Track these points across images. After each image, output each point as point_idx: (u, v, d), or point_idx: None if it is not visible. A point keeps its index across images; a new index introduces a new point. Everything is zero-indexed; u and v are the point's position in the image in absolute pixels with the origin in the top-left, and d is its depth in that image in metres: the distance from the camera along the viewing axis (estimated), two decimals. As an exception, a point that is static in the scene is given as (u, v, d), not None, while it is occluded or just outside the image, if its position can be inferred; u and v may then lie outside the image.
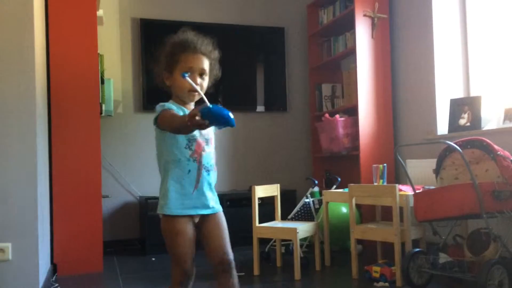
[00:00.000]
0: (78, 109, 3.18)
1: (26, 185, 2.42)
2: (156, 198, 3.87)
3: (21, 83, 2.43)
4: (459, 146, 2.52)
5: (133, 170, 4.19)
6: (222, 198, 3.94)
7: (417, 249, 2.52)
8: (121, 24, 4.23)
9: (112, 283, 2.88)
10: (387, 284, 2.61)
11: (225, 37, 4.43)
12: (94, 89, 3.23)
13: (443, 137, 3.29)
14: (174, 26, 4.30)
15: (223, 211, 1.58)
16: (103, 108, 3.80)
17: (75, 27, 3.19)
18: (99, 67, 3.43)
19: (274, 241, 3.52)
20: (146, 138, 4.24)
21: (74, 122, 3.17)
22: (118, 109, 4.18)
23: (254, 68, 4.55)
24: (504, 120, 2.91)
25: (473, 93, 3.37)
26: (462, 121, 3.18)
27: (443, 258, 2.46)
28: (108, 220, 4.09)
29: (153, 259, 3.59)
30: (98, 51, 3.35)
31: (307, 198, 3.59)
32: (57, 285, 2.85)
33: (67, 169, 3.14)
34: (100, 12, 3.63)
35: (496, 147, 2.43)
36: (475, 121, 3.10)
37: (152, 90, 4.20)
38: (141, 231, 3.98)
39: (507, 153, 2.45)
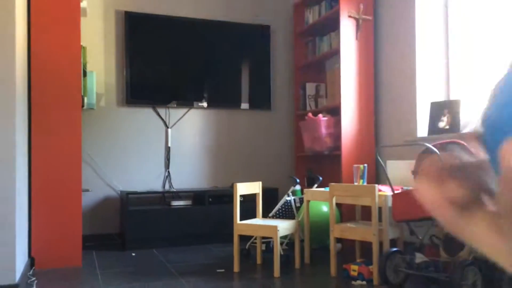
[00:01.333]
0: (59, 101, 3.14)
1: (4, 178, 2.39)
2: (137, 193, 3.89)
3: (0, 74, 2.39)
4: (438, 148, 2.57)
5: (115, 164, 4.15)
6: (204, 195, 3.99)
7: (394, 249, 2.57)
8: (105, 16, 4.18)
9: (90, 277, 2.86)
10: (364, 282, 2.66)
11: (211, 33, 4.42)
12: (76, 81, 3.20)
13: (423, 139, 3.35)
14: (159, 20, 4.29)
15: (205, 207, 1.52)
16: (85, 101, 3.76)
17: (57, 18, 3.14)
18: (82, 59, 3.39)
19: (255, 239, 3.54)
20: (128, 132, 4.21)
21: (54, 115, 3.13)
22: (100, 102, 4.14)
23: (239, 66, 4.55)
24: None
25: (452, 97, 3.44)
26: (442, 124, 3.24)
27: (419, 258, 2.51)
28: (88, 214, 4.06)
29: (133, 254, 3.57)
30: (81, 43, 3.32)
31: (288, 196, 3.62)
32: (34, 278, 2.82)
33: (46, 162, 3.10)
34: (83, 3, 3.59)
35: (472, 150, 2.48)
36: (454, 124, 3.17)
37: (136, 84, 4.17)
38: (122, 226, 3.96)
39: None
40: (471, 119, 3.21)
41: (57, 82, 3.14)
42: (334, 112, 4.11)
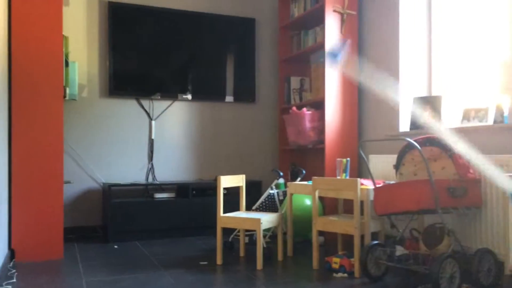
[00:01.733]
0: (41, 92, 3.09)
1: (-16, 169, 2.34)
2: (120, 185, 3.86)
3: (-20, 63, 2.34)
4: (419, 143, 2.61)
5: (97, 156, 4.11)
6: (188, 187, 3.98)
7: (375, 242, 2.61)
8: (88, 6, 4.11)
9: (72, 270, 2.84)
10: (345, 275, 2.69)
11: (196, 25, 4.39)
12: (58, 71, 3.15)
13: (405, 134, 3.39)
14: (142, 11, 4.24)
15: (188, 200, 1.53)
16: (67, 91, 3.71)
17: (39, 7, 3.08)
18: (64, 49, 3.34)
19: (238, 231, 3.56)
20: (111, 124, 4.17)
21: (36, 106, 3.08)
22: (83, 93, 4.09)
23: (224, 58, 4.53)
24: (463, 119, 3.03)
25: (434, 93, 3.49)
26: (423, 119, 3.29)
27: (399, 250, 2.56)
28: (70, 206, 4.02)
29: (116, 246, 3.56)
30: (63, 33, 3.26)
31: (272, 189, 3.64)
32: (14, 271, 2.79)
33: (27, 153, 3.05)
34: (66, -7, 3.53)
35: (452, 144, 2.53)
36: (436, 119, 3.22)
37: (119, 75, 4.12)
38: (104, 218, 3.93)
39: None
40: (452, 114, 3.27)
41: (39, 73, 3.09)
42: (318, 106, 4.13)
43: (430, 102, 3.28)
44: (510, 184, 0.72)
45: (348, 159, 3.15)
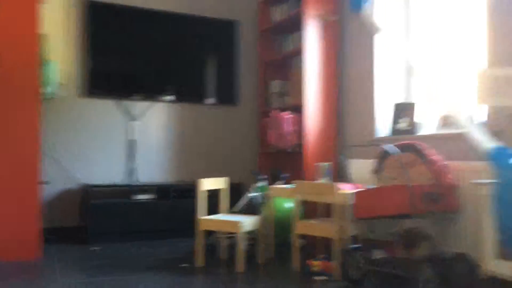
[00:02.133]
0: (16, 90, 3.04)
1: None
2: (100, 186, 3.81)
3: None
4: (398, 149, 2.67)
5: (76, 156, 4.05)
6: (169, 189, 3.96)
7: (355, 245, 2.65)
8: (67, 4, 4.05)
9: (48, 271, 2.79)
10: (326, 278, 2.73)
11: (178, 26, 4.38)
12: (34, 70, 3.09)
13: (384, 139, 3.46)
14: (122, 11, 4.20)
15: (169, 202, 1.52)
16: (46, 90, 3.65)
17: (14, 3, 3.02)
18: (42, 48, 3.28)
19: (220, 234, 3.55)
20: (91, 124, 4.12)
21: (10, 104, 3.02)
22: (62, 92, 4.03)
23: (206, 60, 4.53)
24: (440, 126, 3.11)
25: (413, 100, 3.56)
26: (402, 126, 3.36)
27: (378, 254, 2.60)
28: (48, 206, 3.94)
29: (95, 248, 3.51)
30: (43, 31, 3.21)
31: (252, 192, 3.65)
32: (-11, 274, 2.73)
33: (2, 153, 2.99)
34: (47, -10, 3.47)
35: (428, 151, 2.59)
36: (414, 126, 3.29)
37: (98, 75, 4.07)
38: (83, 219, 3.88)
39: (438, 158, 2.63)
40: (429, 121, 3.35)
41: (13, 71, 3.04)
42: (299, 110, 4.17)
43: (408, 109, 3.35)
44: (486, 141, 0.88)
45: (328, 163, 3.19)
